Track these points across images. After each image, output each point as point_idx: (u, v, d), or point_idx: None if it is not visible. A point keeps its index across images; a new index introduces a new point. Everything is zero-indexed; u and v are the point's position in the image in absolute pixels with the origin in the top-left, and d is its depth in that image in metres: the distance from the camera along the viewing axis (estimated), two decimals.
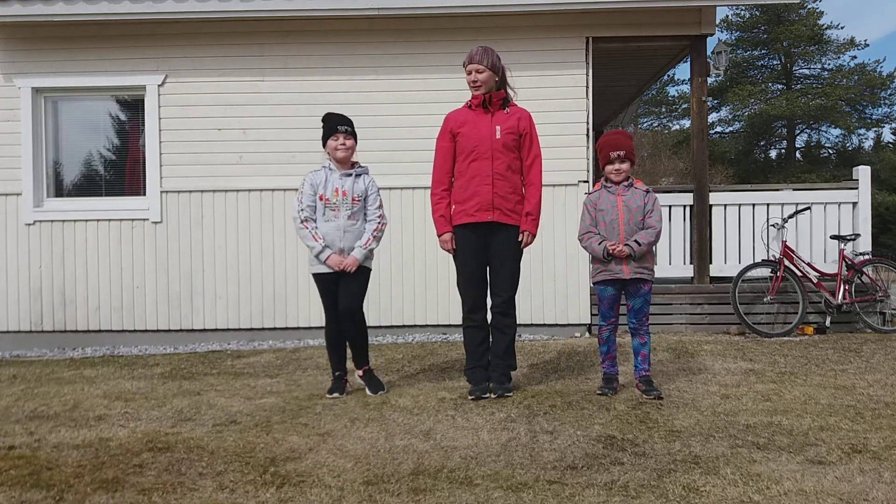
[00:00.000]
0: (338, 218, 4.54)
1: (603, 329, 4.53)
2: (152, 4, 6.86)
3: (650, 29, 7.19)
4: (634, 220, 4.36)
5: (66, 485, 2.99)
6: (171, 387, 5.04)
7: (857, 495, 2.72)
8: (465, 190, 4.40)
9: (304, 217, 4.53)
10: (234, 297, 7.26)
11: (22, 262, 7.33)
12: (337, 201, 4.54)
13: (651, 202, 4.41)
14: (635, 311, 4.44)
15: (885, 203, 21.56)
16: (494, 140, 4.36)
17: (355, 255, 4.53)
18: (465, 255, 4.46)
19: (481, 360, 4.48)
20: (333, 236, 4.53)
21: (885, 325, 6.96)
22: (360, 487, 2.90)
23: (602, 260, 4.39)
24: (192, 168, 7.27)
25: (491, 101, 4.42)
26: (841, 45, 32.38)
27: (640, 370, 4.45)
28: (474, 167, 4.37)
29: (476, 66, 4.39)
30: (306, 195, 4.55)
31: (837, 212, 7.30)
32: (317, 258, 4.53)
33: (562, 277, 7.16)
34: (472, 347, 4.51)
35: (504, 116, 4.44)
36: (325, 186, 4.55)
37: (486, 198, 4.35)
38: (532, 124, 4.52)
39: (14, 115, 7.31)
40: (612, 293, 4.46)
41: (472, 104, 4.47)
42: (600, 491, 2.81)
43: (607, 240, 4.36)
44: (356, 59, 7.23)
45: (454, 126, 4.45)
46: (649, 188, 4.51)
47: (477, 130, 4.38)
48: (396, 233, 7.11)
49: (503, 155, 4.38)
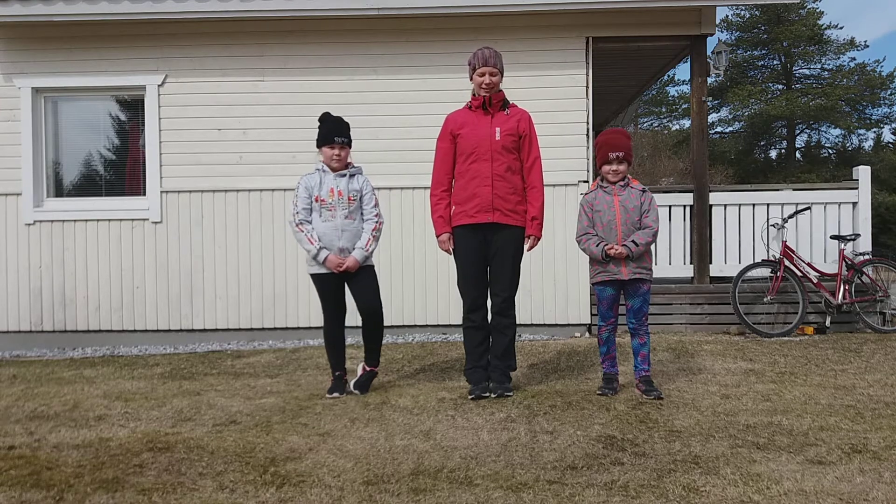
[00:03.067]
0: (335, 218, 4.55)
1: (602, 329, 4.53)
2: (152, 4, 6.86)
3: (650, 29, 7.19)
4: (632, 220, 4.36)
5: (66, 485, 2.99)
6: (171, 387, 5.04)
7: (857, 495, 2.72)
8: (464, 191, 4.41)
9: (300, 220, 4.55)
10: (234, 297, 7.26)
11: (22, 263, 7.33)
12: (333, 201, 4.54)
13: (647, 202, 4.42)
14: (634, 311, 4.44)
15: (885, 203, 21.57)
16: (494, 141, 4.37)
17: (356, 257, 4.54)
18: (465, 256, 4.46)
19: (480, 361, 4.49)
20: (331, 236, 4.53)
21: (885, 325, 6.96)
22: (360, 487, 2.90)
23: (600, 261, 4.40)
24: (192, 168, 7.27)
25: (491, 102, 4.43)
26: (841, 46, 32.37)
27: (640, 370, 4.45)
28: (474, 168, 4.37)
29: (491, 69, 4.40)
30: (301, 198, 4.57)
31: (837, 212, 7.30)
32: (314, 260, 4.54)
33: (562, 277, 7.16)
34: (471, 348, 4.51)
35: (504, 118, 4.45)
36: (319, 188, 4.56)
37: (486, 199, 4.36)
38: (532, 126, 4.53)
39: (14, 115, 7.31)
40: (611, 293, 4.47)
41: (472, 105, 4.48)
42: (600, 491, 2.81)
43: (605, 241, 4.36)
44: (356, 59, 7.23)
45: (454, 127, 4.46)
46: (645, 187, 4.51)
47: (477, 131, 4.39)
48: (396, 233, 7.12)
49: (503, 156, 4.39)
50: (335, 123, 4.65)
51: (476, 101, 4.45)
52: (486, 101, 4.42)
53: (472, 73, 4.43)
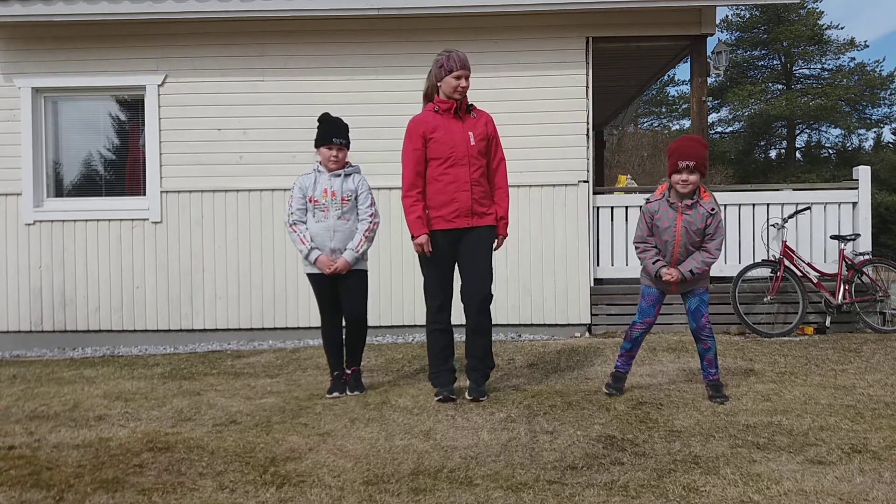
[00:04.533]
0: (327, 218, 4.55)
1: (637, 327, 4.39)
2: (152, 4, 6.86)
3: (650, 29, 7.19)
4: (692, 242, 4.18)
5: (66, 485, 2.99)
6: (171, 387, 5.04)
7: (857, 495, 2.72)
8: (441, 195, 4.35)
9: (294, 220, 4.56)
10: (234, 297, 7.26)
11: (22, 263, 7.33)
12: (326, 202, 4.55)
13: (714, 225, 4.15)
14: (692, 313, 4.29)
15: (885, 203, 21.57)
16: (470, 146, 4.35)
17: (346, 258, 4.53)
18: (437, 260, 4.42)
19: (446, 364, 4.45)
20: (324, 237, 4.54)
21: (885, 325, 6.95)
22: (360, 487, 2.90)
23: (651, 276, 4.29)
24: (192, 168, 7.27)
25: (460, 105, 4.40)
26: (841, 46, 32.39)
27: (707, 374, 4.31)
28: (452, 173, 4.33)
29: (467, 73, 4.35)
30: (296, 199, 4.58)
31: (837, 212, 7.29)
32: (306, 260, 4.55)
33: (562, 277, 7.16)
34: (436, 352, 4.46)
35: (473, 122, 4.42)
36: (313, 188, 4.56)
37: (466, 204, 4.33)
38: (496, 127, 4.53)
39: (14, 115, 7.31)
40: (656, 292, 4.34)
41: (440, 108, 4.39)
42: (600, 491, 2.81)
43: (663, 259, 4.22)
44: (356, 59, 7.23)
45: (426, 130, 4.35)
46: (717, 207, 4.19)
47: (451, 136, 4.34)
48: (397, 233, 7.11)
49: (478, 160, 4.38)
50: (334, 124, 4.65)
51: (445, 104, 4.38)
52: (457, 105, 4.39)
53: (446, 74, 4.32)
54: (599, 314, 7.21)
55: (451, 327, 4.50)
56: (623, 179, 12.67)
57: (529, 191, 7.11)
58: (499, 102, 6.43)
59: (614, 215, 7.32)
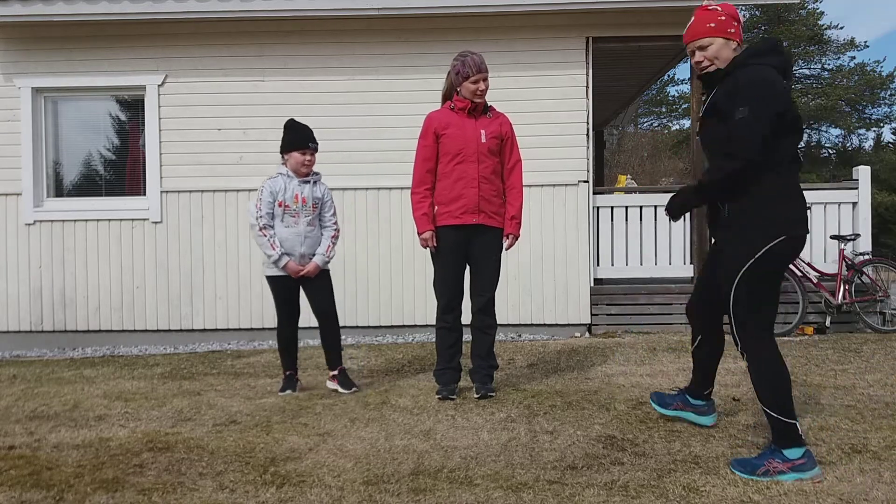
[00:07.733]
0: (298, 224, 4.59)
1: None
2: (152, 4, 6.86)
3: (650, 29, 7.19)
4: None
5: (66, 485, 2.99)
6: (171, 387, 5.04)
7: (857, 495, 2.72)
8: (449, 191, 4.39)
9: (263, 224, 4.56)
10: (234, 297, 7.26)
11: (22, 262, 7.33)
12: (297, 208, 4.59)
13: None
14: None
15: (885, 203, 21.56)
16: (480, 144, 4.38)
17: (317, 262, 4.62)
18: (446, 257, 4.45)
19: (451, 362, 4.48)
20: (294, 242, 4.57)
21: (885, 325, 6.95)
22: (360, 487, 2.90)
23: None
24: (192, 168, 7.28)
25: (477, 106, 4.44)
26: (841, 45, 32.38)
27: None
28: (460, 169, 4.36)
29: (485, 76, 4.41)
30: (265, 202, 4.58)
31: (837, 212, 7.30)
32: (275, 265, 4.57)
33: (562, 277, 7.16)
34: (444, 349, 4.49)
35: (487, 121, 4.46)
36: (284, 193, 4.58)
37: (473, 200, 4.36)
38: (513, 129, 4.56)
39: (14, 115, 7.31)
40: None
41: (456, 107, 4.44)
42: (600, 491, 2.81)
43: None
44: (356, 59, 7.23)
45: (438, 127, 4.42)
46: None
47: (463, 133, 4.38)
48: (397, 233, 7.12)
49: (488, 159, 4.41)
50: (306, 129, 4.70)
51: (462, 103, 4.42)
52: (473, 105, 4.43)
53: (463, 80, 4.38)
54: (599, 314, 7.21)
55: (459, 325, 4.51)
56: (623, 179, 12.68)
57: (529, 191, 7.05)
58: (499, 102, 6.36)
59: (614, 215, 7.33)
